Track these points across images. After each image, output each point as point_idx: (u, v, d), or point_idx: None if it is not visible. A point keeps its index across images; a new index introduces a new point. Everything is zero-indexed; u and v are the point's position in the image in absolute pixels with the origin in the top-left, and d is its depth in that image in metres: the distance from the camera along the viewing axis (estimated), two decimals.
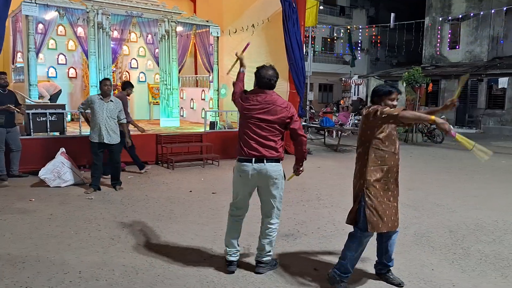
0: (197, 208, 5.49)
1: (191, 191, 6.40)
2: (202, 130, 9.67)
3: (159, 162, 8.67)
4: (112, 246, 4.05)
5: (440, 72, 21.37)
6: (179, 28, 10.67)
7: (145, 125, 9.48)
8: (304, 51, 11.26)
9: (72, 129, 8.55)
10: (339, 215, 5.24)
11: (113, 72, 10.39)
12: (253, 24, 10.70)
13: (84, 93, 10.76)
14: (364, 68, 31.99)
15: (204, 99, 11.85)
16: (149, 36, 11.29)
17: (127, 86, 7.60)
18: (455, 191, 6.83)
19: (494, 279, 3.45)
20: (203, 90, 11.72)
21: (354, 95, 29.97)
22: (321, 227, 4.79)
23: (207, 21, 10.95)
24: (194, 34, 11.20)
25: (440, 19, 23.01)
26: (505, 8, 19.44)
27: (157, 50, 10.81)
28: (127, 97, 7.60)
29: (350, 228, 3.35)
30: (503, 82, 17.77)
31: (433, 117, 2.83)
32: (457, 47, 22.48)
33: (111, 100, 6.20)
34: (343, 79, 30.23)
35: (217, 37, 10.93)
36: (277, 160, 3.41)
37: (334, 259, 3.79)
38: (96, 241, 4.20)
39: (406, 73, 14.85)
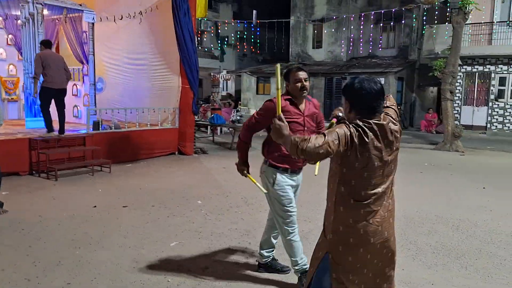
0: (116, 227, 4.68)
1: (95, 206, 5.47)
2: (84, 131, 8.47)
3: (34, 172, 7.27)
4: None
5: (308, 70, 22.97)
6: (46, 12, 9.16)
7: (5, 127, 7.91)
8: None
9: None
10: None
11: None
12: (140, 11, 9.77)
13: None
14: (233, 64, 32.64)
15: (76, 95, 10.46)
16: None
17: None
18: None
19: (459, 272, 3.68)
20: (74, 84, 10.33)
21: (223, 90, 30.35)
22: None
23: (80, 5, 9.62)
24: (64, 19, 9.74)
25: (304, 19, 24.78)
26: (370, 13, 21.91)
27: (10, 36, 9.11)
28: None
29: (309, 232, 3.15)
30: None
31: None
32: (321, 46, 24.52)
33: None
34: (211, 74, 30.32)
35: (92, 23, 9.69)
36: None
37: None
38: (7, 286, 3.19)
39: (285, 70, 15.48)
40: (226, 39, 30.52)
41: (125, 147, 8.79)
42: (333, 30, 23.90)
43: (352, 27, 23.19)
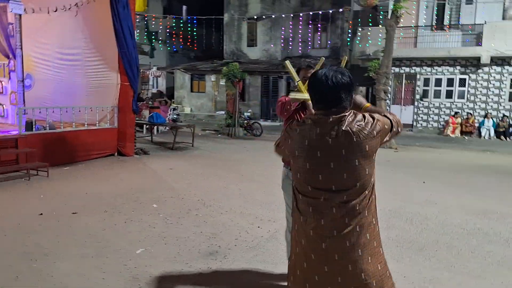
0: (70, 236, 4.38)
1: (41, 214, 5.07)
2: (16, 132, 7.81)
3: None
4: None
5: (244, 68, 23.15)
6: None
7: None
8: None
9: None
10: (243, 221, 5.07)
11: None
12: (76, 3, 9.17)
13: None
14: (163, 60, 31.87)
15: (2, 92, 9.63)
16: None
17: None
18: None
19: (424, 263, 3.94)
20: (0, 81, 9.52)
21: (154, 87, 29.57)
22: (238, 237, 4.51)
23: None
24: None
25: (238, 17, 24.90)
26: (297, 15, 22.50)
27: None
28: None
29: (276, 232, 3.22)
30: None
31: None
32: (255, 45, 24.79)
33: None
34: (141, 70, 29.36)
35: (20, 15, 8.95)
36: None
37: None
38: None
39: (225, 68, 15.49)
40: (156, 34, 29.74)
41: (62, 149, 8.24)
42: (267, 28, 24.26)
43: (286, 26, 23.72)
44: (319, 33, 23.21)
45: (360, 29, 18.71)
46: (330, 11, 20.45)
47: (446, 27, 17.16)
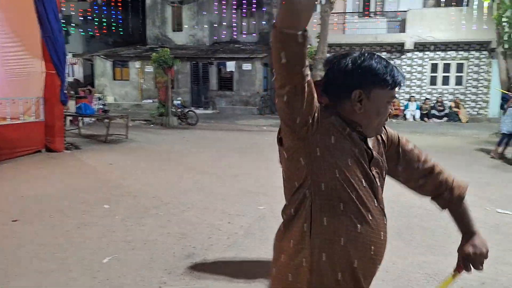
0: (19, 249, 3.83)
1: None
2: None
3: None
4: None
5: (172, 54, 22.36)
6: None
7: None
8: None
9: None
10: (211, 217, 4.83)
11: None
12: None
13: None
14: (79, 46, 29.79)
15: None
16: None
17: None
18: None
19: (407, 248, 4.02)
20: None
21: (70, 76, 27.59)
22: (211, 236, 4.27)
23: None
24: None
25: (161, 0, 23.94)
26: None
27: None
28: None
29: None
30: (230, 65, 20.33)
31: None
32: (181, 30, 24.05)
33: None
34: None
35: None
36: None
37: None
38: None
39: (155, 54, 14.81)
40: (69, 18, 27.64)
41: None
42: (193, 13, 23.62)
43: (212, 11, 23.26)
44: (247, 19, 23.10)
45: None
46: None
47: (372, 14, 17.91)
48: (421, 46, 17.57)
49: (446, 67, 17.67)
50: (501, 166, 8.25)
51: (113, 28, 23.94)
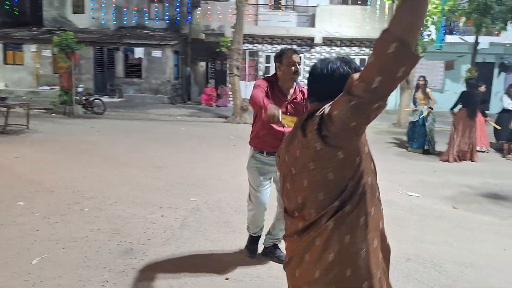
0: None
1: None
2: None
3: None
4: None
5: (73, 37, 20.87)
6: None
7: None
8: None
9: None
10: (142, 211, 4.68)
11: None
12: None
13: None
14: None
15: None
16: None
17: None
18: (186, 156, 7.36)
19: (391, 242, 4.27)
20: None
21: None
22: (147, 230, 4.14)
23: None
24: None
25: None
26: None
27: None
28: None
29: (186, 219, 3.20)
30: (139, 52, 19.54)
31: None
32: (83, 12, 22.52)
33: None
34: None
35: None
36: None
37: (225, 257, 3.53)
38: None
39: (56, 37, 13.73)
40: None
41: None
42: None
43: None
44: (156, 4, 22.36)
45: (202, 2, 18.67)
46: None
47: (283, 7, 18.43)
48: (328, 41, 18.54)
49: None
50: (405, 154, 9.11)
51: (7, 7, 21.59)
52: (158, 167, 6.81)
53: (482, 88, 9.32)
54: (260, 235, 3.60)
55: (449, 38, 17.52)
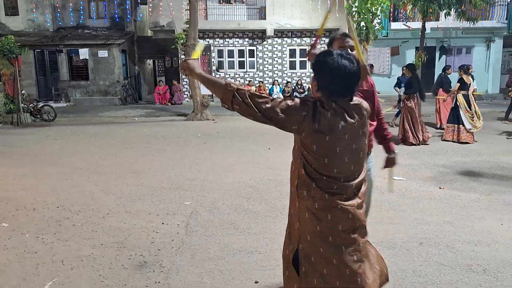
0: None
1: None
2: None
3: None
4: None
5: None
6: None
7: None
8: None
9: None
10: (139, 221, 4.47)
11: None
12: None
13: None
14: None
15: None
16: None
17: None
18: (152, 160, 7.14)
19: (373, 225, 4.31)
20: None
21: None
22: (153, 241, 3.97)
23: None
24: None
25: None
26: None
27: None
28: None
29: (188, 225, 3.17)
30: (83, 53, 18.66)
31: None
32: (17, 14, 21.11)
33: None
34: None
35: None
36: None
37: (245, 260, 3.46)
38: None
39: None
40: None
41: None
42: None
43: None
44: (95, 2, 21.37)
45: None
46: None
47: (233, 0, 18.29)
48: (280, 33, 18.67)
49: (303, 53, 19.18)
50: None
51: None
52: (136, 172, 6.55)
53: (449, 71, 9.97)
54: None
55: (394, 25, 18.22)
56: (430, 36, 18.36)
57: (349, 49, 2.71)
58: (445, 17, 14.70)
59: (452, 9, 12.77)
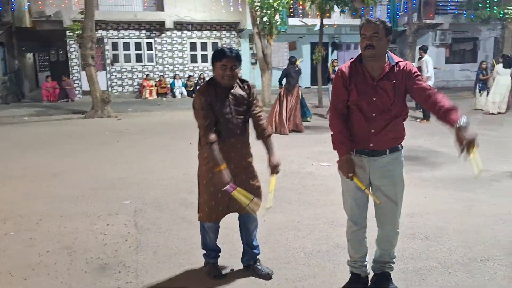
0: None
1: None
2: None
3: None
4: None
5: None
6: None
7: None
8: None
9: None
10: (82, 224, 4.29)
11: None
12: None
13: None
14: None
15: None
16: None
17: None
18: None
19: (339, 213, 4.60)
20: None
21: None
22: (105, 243, 3.83)
23: None
24: None
25: None
26: None
27: None
28: None
29: (138, 225, 3.33)
30: None
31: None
32: None
33: None
34: None
35: None
36: None
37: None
38: None
39: None
40: None
41: None
42: None
43: None
44: None
45: None
46: None
47: None
48: (179, 26, 18.46)
49: (204, 46, 19.22)
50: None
51: None
52: (56, 175, 6.13)
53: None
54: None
55: (291, 21, 19.15)
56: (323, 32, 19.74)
57: (368, 37, 2.59)
58: (340, 15, 15.89)
59: (346, 7, 13.88)
